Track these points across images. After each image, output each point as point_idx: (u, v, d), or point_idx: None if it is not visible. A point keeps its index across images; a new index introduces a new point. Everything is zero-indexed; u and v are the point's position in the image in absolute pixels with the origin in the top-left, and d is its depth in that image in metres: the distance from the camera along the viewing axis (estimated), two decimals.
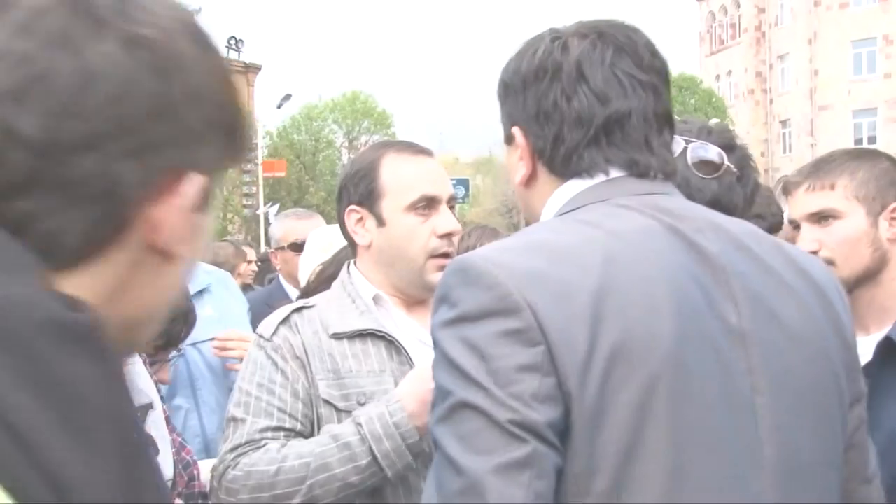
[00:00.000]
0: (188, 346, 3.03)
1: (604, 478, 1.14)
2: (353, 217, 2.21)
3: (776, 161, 48.45)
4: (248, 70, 48.93)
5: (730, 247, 1.33)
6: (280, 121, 49.78)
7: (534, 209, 1.48)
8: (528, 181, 1.45)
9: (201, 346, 3.21)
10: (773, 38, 48.24)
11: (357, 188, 2.19)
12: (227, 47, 47.92)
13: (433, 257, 2.14)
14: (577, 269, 1.19)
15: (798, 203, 2.26)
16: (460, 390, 1.15)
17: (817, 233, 2.20)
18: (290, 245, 4.40)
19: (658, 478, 1.15)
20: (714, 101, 48.17)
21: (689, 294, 1.23)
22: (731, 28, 51.08)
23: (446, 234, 2.15)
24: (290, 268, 4.36)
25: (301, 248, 4.27)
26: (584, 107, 1.36)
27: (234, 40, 48.55)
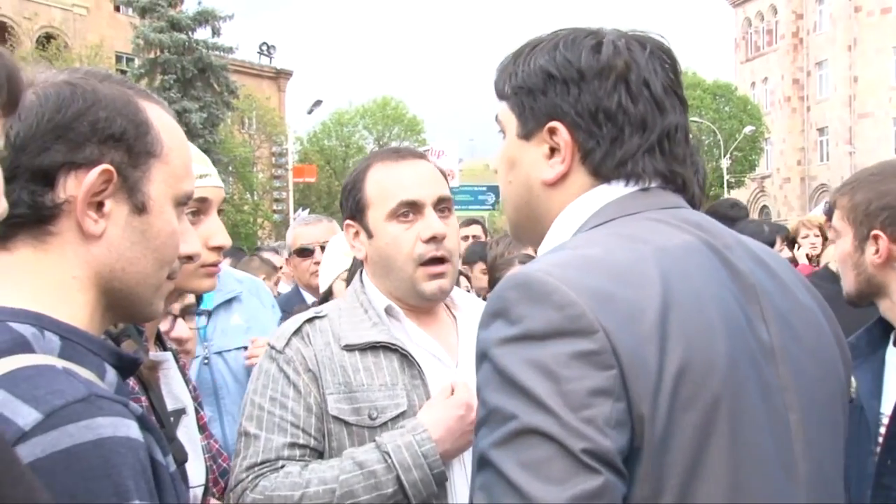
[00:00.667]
0: (214, 354, 2.99)
1: (667, 499, 1.12)
2: (350, 231, 2.22)
3: (813, 170, 47.70)
4: (280, 76, 49.12)
5: (754, 264, 1.33)
6: (311, 126, 49.87)
7: (547, 213, 1.42)
8: (558, 181, 1.38)
9: (227, 355, 3.15)
10: (811, 45, 47.57)
11: (348, 202, 2.21)
12: (259, 53, 48.14)
13: (423, 265, 2.10)
14: (639, 287, 1.17)
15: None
16: (526, 415, 1.09)
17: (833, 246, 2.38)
18: (295, 251, 4.40)
19: (719, 496, 1.14)
20: (749, 108, 47.50)
21: (734, 311, 1.23)
22: (768, 34, 50.42)
23: (431, 238, 2.10)
24: (298, 273, 4.44)
25: (306, 254, 4.34)
26: (648, 112, 1.34)
27: (266, 46, 48.79)
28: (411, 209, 2.11)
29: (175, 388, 2.02)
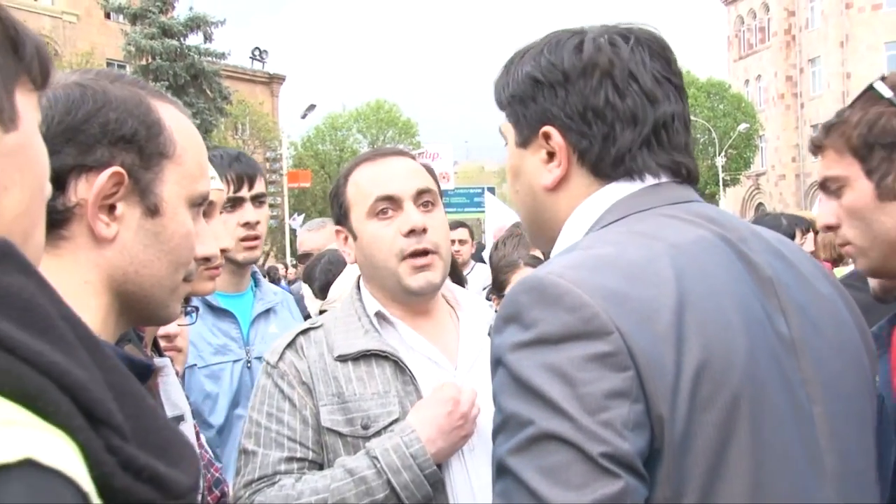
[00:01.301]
0: (255, 358, 3.01)
1: (690, 500, 1.11)
2: (340, 237, 2.21)
3: (807, 166, 47.67)
4: (273, 81, 49.03)
5: (771, 256, 1.31)
6: (304, 131, 49.78)
7: (554, 218, 1.41)
8: (558, 185, 1.38)
9: None
10: (804, 42, 47.60)
11: (334, 209, 2.21)
12: (251, 58, 48.02)
13: (405, 258, 2.06)
14: (654, 286, 1.16)
15: None
16: (543, 420, 1.08)
17: None
18: (299, 256, 4.56)
19: (741, 495, 1.13)
20: (743, 106, 47.50)
21: (752, 306, 1.21)
22: (760, 32, 50.46)
23: (410, 231, 2.06)
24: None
25: (306, 259, 4.34)
26: (637, 106, 1.33)
27: (259, 51, 48.70)
28: (389, 205, 2.09)
29: (173, 395, 2.01)
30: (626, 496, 1.06)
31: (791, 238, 4.68)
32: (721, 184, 44.56)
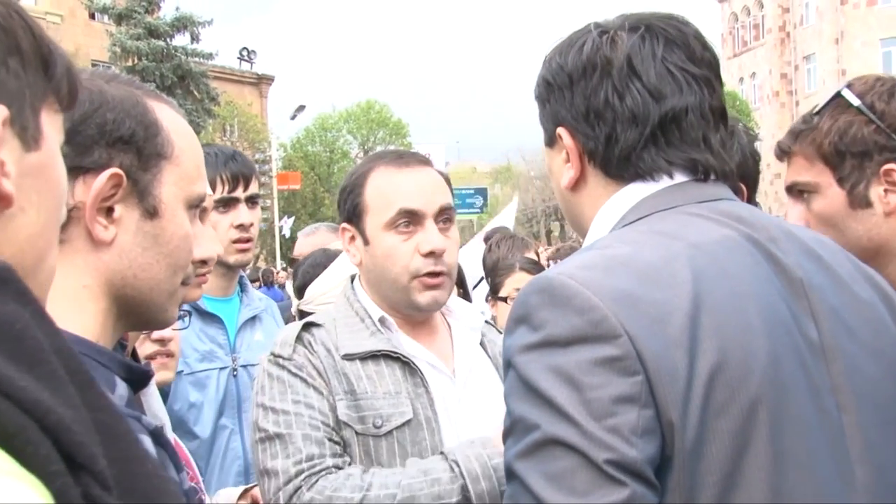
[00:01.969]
0: (241, 366, 2.95)
1: None
2: (346, 235, 2.15)
3: None
4: (261, 81, 48.56)
5: (803, 257, 1.28)
6: (294, 132, 49.37)
7: (581, 215, 1.41)
8: (576, 185, 1.38)
9: (252, 369, 3.05)
10: (798, 39, 47.33)
11: (346, 205, 2.14)
12: (239, 58, 47.55)
13: (418, 277, 2.04)
14: (668, 288, 1.14)
15: None
16: (549, 425, 1.07)
17: None
18: (289, 260, 4.29)
19: None
20: (738, 104, 47.11)
21: (777, 309, 1.18)
22: (755, 29, 50.18)
23: (430, 253, 2.03)
24: None
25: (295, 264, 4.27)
26: (638, 104, 1.30)
27: (247, 52, 48.24)
28: (411, 219, 2.04)
29: (154, 405, 1.87)
30: (632, 503, 1.03)
31: None
32: None
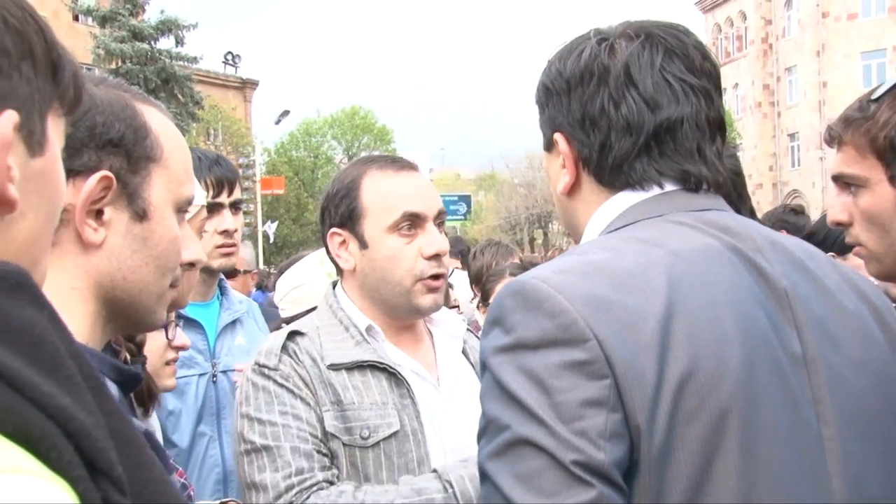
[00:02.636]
0: (220, 372, 2.93)
1: None
2: (335, 240, 2.11)
3: (784, 175, 47.76)
4: (246, 86, 48.38)
5: (789, 268, 1.28)
6: (278, 137, 49.25)
7: (576, 221, 1.42)
8: (571, 190, 1.40)
9: (232, 374, 3.06)
10: (781, 50, 47.65)
11: (338, 209, 2.10)
12: (224, 62, 47.40)
13: (421, 280, 2.04)
14: (642, 294, 1.14)
15: None
16: (518, 425, 1.09)
17: None
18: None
19: None
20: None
21: (755, 319, 1.18)
22: (738, 40, 50.46)
23: (434, 256, 2.05)
24: None
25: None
26: (633, 113, 1.30)
27: (231, 56, 48.07)
28: (413, 222, 2.05)
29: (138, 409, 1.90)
30: None
31: None
32: None
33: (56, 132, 0.85)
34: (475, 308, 4.52)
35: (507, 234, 43.91)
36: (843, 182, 1.70)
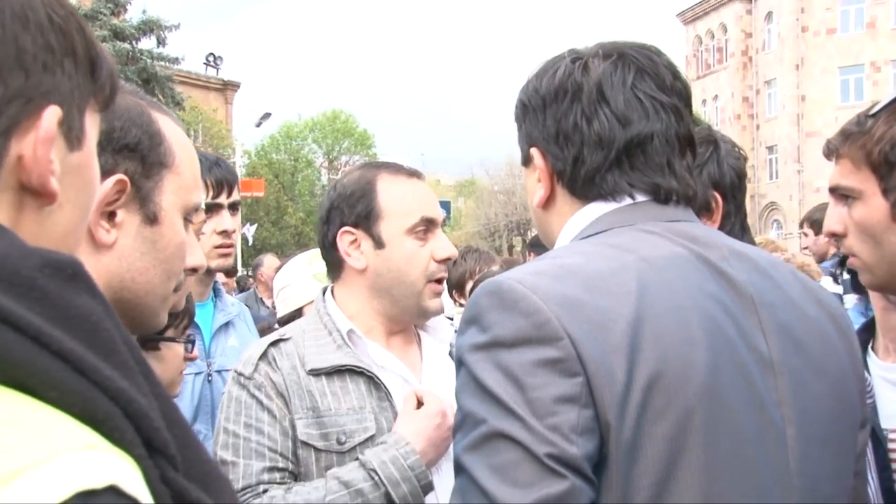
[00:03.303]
0: (215, 371, 3.00)
1: None
2: (346, 239, 2.14)
3: (762, 187, 48.08)
4: (227, 87, 48.15)
5: (755, 276, 1.33)
6: (258, 139, 49.03)
7: (551, 231, 1.48)
8: (547, 203, 1.45)
9: (227, 374, 3.07)
10: (760, 63, 48.01)
11: (353, 209, 2.13)
12: (205, 64, 47.18)
13: (430, 282, 2.11)
14: (613, 297, 1.19)
15: None
16: (494, 419, 1.13)
17: None
18: None
19: None
20: (700, 125, 47.55)
21: (721, 323, 1.23)
22: (718, 52, 50.78)
23: (444, 259, 2.13)
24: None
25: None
26: (605, 129, 1.36)
27: (213, 57, 47.81)
28: (427, 227, 2.13)
29: None
30: (571, 497, 1.09)
31: None
32: None
33: (93, 127, 0.88)
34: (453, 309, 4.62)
35: (485, 240, 43.97)
36: (840, 194, 1.74)
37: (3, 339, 0.63)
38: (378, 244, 2.11)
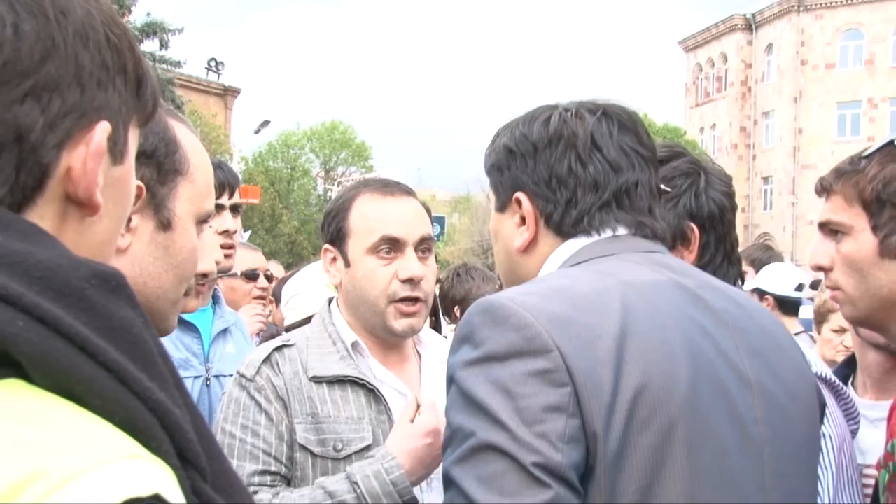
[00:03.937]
0: (213, 376, 3.04)
1: None
2: (327, 256, 2.23)
3: (756, 217, 48.28)
4: (227, 93, 48.17)
5: (729, 304, 1.40)
6: (256, 146, 49.01)
7: (527, 273, 1.50)
8: (528, 247, 1.49)
9: (224, 380, 3.17)
10: (759, 94, 48.30)
11: (330, 227, 2.21)
12: (206, 69, 47.19)
13: (395, 302, 2.12)
14: (599, 315, 1.24)
15: None
16: (483, 432, 1.16)
17: None
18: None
19: None
20: (697, 152, 47.23)
21: (700, 343, 1.29)
22: (718, 81, 51.05)
23: (408, 280, 2.12)
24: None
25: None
26: (600, 173, 1.44)
27: (215, 62, 47.83)
28: (392, 246, 2.12)
29: None
30: None
31: None
32: None
33: (134, 143, 0.90)
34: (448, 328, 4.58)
35: (478, 257, 43.94)
36: (829, 229, 1.81)
37: (54, 347, 0.66)
38: (346, 263, 2.17)
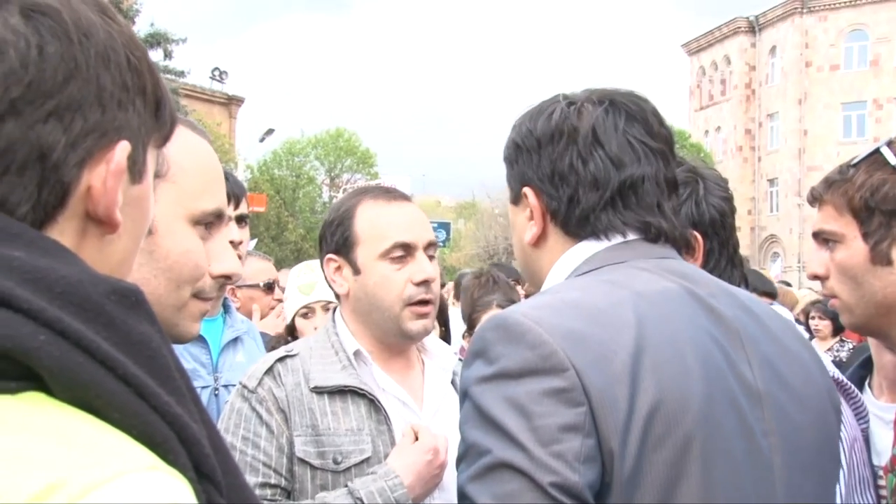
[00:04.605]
0: (222, 386, 3.05)
1: None
2: (331, 266, 2.22)
3: (762, 220, 48.17)
4: (231, 102, 48.26)
5: (740, 311, 1.38)
6: (261, 155, 49.06)
7: (539, 269, 1.51)
8: (538, 241, 1.49)
9: (232, 389, 2.98)
10: (763, 97, 48.22)
11: (333, 237, 2.20)
12: (211, 78, 47.31)
13: (410, 305, 2.13)
14: (614, 330, 1.23)
15: None
16: (499, 449, 1.16)
17: None
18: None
19: None
20: (702, 156, 47.64)
21: (712, 355, 1.28)
22: (722, 84, 50.97)
23: (423, 282, 2.13)
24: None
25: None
26: (600, 170, 1.41)
27: (219, 72, 47.91)
28: (404, 251, 2.14)
29: None
30: None
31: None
32: None
33: (152, 163, 0.92)
34: (461, 338, 4.53)
35: (484, 263, 43.92)
36: (822, 238, 1.83)
37: (75, 361, 0.68)
38: (356, 270, 2.17)
